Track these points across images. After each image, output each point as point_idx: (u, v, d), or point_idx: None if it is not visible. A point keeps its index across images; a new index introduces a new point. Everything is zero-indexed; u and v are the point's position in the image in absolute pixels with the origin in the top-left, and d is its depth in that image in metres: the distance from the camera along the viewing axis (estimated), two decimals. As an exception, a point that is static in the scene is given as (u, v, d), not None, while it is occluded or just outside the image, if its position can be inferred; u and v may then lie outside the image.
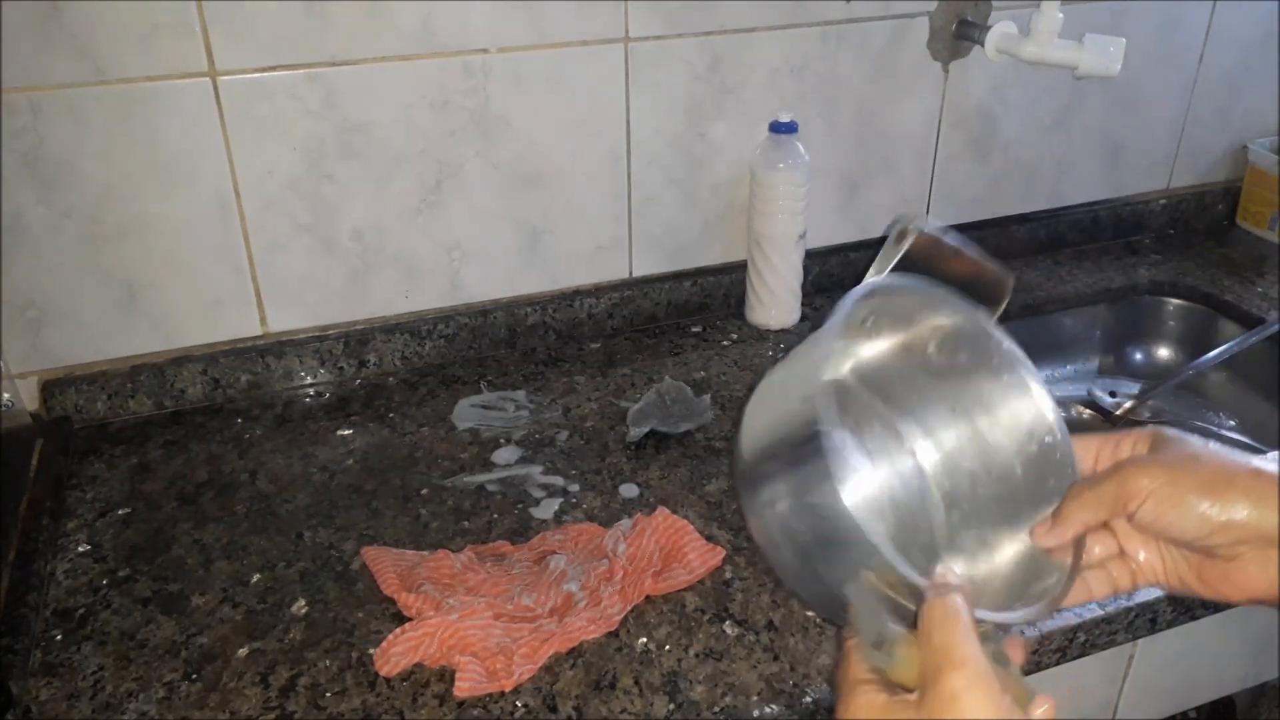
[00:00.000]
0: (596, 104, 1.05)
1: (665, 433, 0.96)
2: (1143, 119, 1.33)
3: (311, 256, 1.02)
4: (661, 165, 1.11)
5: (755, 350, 1.12)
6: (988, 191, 1.30)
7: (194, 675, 0.71)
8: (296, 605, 0.77)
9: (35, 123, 0.88)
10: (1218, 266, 1.32)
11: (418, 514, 0.87)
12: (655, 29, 1.04)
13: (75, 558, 0.82)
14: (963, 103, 1.22)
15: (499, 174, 1.05)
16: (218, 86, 0.92)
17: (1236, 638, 0.91)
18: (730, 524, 0.85)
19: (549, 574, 0.77)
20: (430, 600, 0.74)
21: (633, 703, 0.68)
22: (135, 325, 0.99)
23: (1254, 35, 1.33)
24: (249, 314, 1.03)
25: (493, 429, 0.98)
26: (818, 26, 1.11)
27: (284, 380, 1.05)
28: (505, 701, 0.68)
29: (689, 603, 0.76)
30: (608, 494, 0.89)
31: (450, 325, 1.09)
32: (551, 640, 0.71)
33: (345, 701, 0.69)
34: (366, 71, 0.96)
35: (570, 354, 1.12)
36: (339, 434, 0.98)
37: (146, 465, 0.94)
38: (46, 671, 0.71)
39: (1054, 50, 1.06)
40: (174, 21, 0.88)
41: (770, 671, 0.70)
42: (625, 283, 1.16)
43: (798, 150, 1.08)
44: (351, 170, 0.99)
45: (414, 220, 1.04)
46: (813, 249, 1.19)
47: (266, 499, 0.89)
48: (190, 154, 0.94)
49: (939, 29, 1.16)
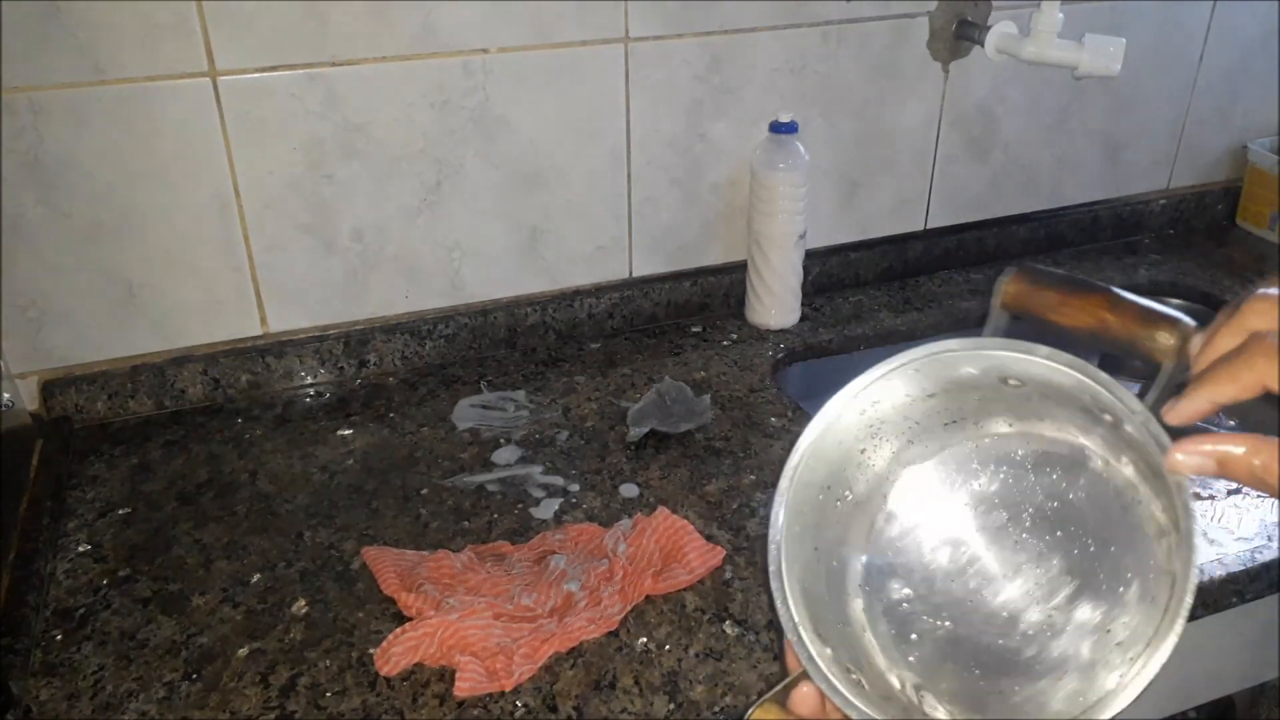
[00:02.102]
0: (596, 104, 1.05)
1: (665, 433, 0.96)
2: (1143, 119, 1.33)
3: (311, 256, 1.02)
4: (661, 165, 1.11)
5: (755, 350, 1.12)
6: (988, 191, 1.30)
7: (194, 675, 0.71)
8: (297, 605, 0.77)
9: (35, 123, 0.88)
10: (1218, 266, 1.32)
11: (418, 514, 0.87)
12: (655, 29, 1.04)
13: (75, 558, 0.82)
14: (963, 103, 1.22)
15: (499, 174, 1.05)
16: (218, 86, 0.92)
17: (1236, 638, 0.91)
18: (730, 524, 0.85)
19: (549, 574, 0.77)
20: (430, 600, 0.74)
21: (633, 703, 0.68)
22: (135, 325, 0.99)
23: (1254, 35, 1.33)
24: (249, 314, 1.03)
25: (493, 429, 0.98)
26: (818, 26, 1.11)
27: (284, 380, 1.05)
28: (505, 701, 0.68)
29: (689, 603, 0.76)
30: (608, 494, 0.89)
31: (450, 325, 1.09)
32: (551, 640, 0.71)
33: (345, 701, 0.69)
34: (366, 71, 0.96)
35: (570, 354, 1.12)
36: (339, 434, 0.98)
37: (146, 465, 0.94)
38: (47, 671, 0.71)
39: (1054, 50, 1.06)
40: (174, 21, 0.88)
41: (770, 671, 0.70)
42: (625, 283, 1.16)
43: (798, 150, 1.08)
44: (351, 170, 0.99)
45: (414, 220, 1.04)
46: (813, 249, 1.19)
47: (267, 499, 0.89)
48: (190, 154, 0.94)
49: (939, 29, 1.16)
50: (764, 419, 0.99)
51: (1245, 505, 0.86)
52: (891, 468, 0.51)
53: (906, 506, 0.51)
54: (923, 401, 0.49)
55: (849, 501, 0.50)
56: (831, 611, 0.48)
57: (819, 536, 0.49)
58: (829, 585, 0.49)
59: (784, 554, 0.46)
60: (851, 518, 0.50)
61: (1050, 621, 0.46)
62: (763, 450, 0.94)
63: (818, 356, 1.15)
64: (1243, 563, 0.80)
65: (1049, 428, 0.47)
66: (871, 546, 0.50)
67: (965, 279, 1.28)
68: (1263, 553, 0.81)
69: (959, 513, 0.50)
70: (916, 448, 0.50)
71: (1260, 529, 0.83)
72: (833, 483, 0.49)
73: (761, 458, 0.93)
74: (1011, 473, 0.49)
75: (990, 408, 0.48)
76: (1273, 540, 0.82)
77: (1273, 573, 0.81)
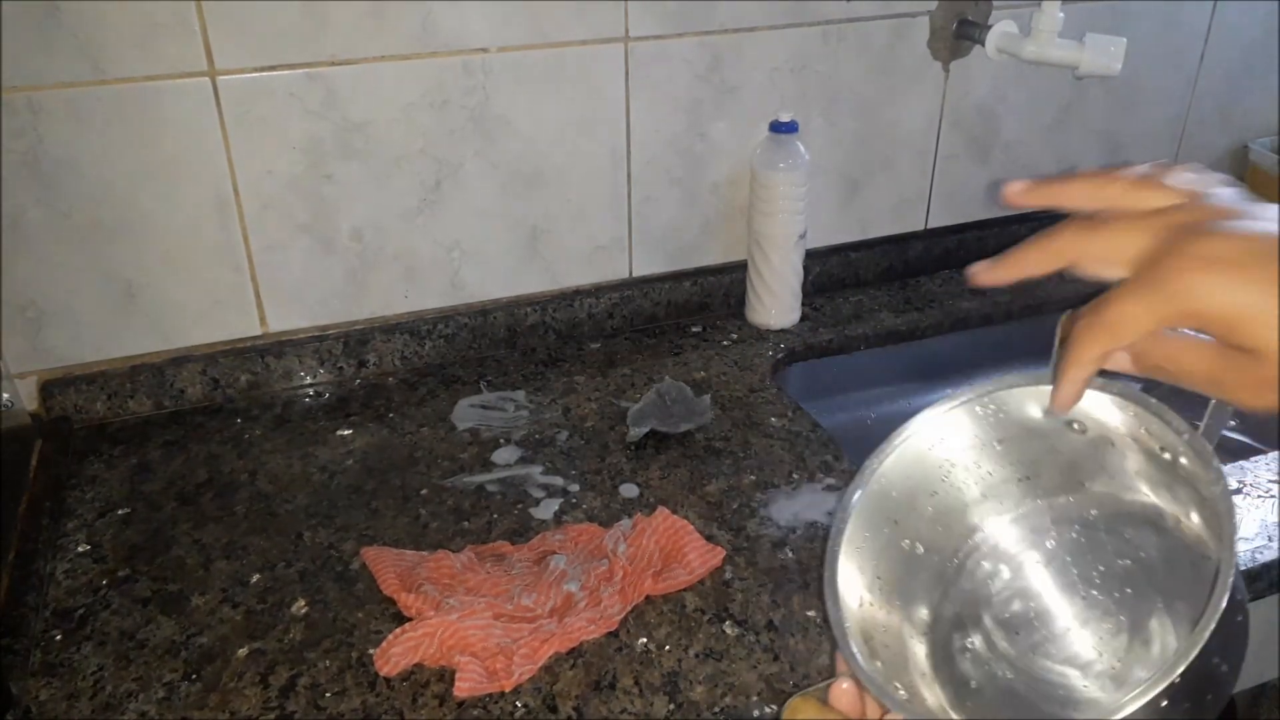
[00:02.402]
0: (596, 104, 1.05)
1: (665, 433, 0.96)
2: (1143, 119, 1.33)
3: (311, 256, 1.02)
4: (661, 165, 1.11)
5: (755, 350, 1.12)
6: (988, 191, 1.30)
7: (194, 675, 0.71)
8: (296, 605, 0.77)
9: (35, 123, 0.88)
10: (1218, 266, 1.32)
11: (417, 514, 0.87)
12: (655, 29, 1.04)
13: (75, 558, 0.82)
14: (963, 102, 1.22)
15: (499, 174, 1.05)
16: (217, 86, 0.92)
17: (1237, 638, 0.91)
18: (730, 524, 0.85)
19: (549, 574, 0.76)
20: (430, 600, 0.74)
21: (633, 703, 0.68)
22: (135, 325, 0.99)
23: (1254, 35, 1.33)
24: (248, 314, 1.03)
25: (493, 429, 0.98)
26: (818, 26, 1.11)
27: (284, 380, 1.05)
28: (505, 701, 0.68)
29: (689, 603, 0.76)
30: (608, 494, 0.89)
31: (450, 325, 1.09)
32: (551, 640, 0.71)
33: (345, 701, 0.68)
34: (366, 71, 0.96)
35: (570, 354, 1.12)
36: (339, 434, 0.98)
37: (146, 465, 0.94)
38: (46, 671, 0.71)
39: (1054, 50, 1.06)
40: (174, 21, 0.88)
41: (770, 672, 0.70)
42: (625, 283, 1.16)
43: (798, 150, 1.08)
44: (351, 170, 0.99)
45: (414, 220, 1.04)
46: (813, 249, 1.18)
47: (266, 499, 0.89)
48: (190, 154, 0.94)
49: (939, 28, 1.16)
50: (764, 419, 0.99)
51: (1246, 505, 0.86)
52: (964, 519, 0.51)
53: (979, 559, 0.51)
54: (992, 449, 0.49)
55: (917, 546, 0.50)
56: (895, 652, 0.48)
57: (879, 568, 0.49)
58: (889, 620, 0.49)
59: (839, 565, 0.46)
60: (918, 563, 0.50)
61: (1114, 674, 0.46)
62: (763, 450, 0.94)
63: (818, 356, 1.15)
64: (1243, 563, 0.80)
65: (1119, 486, 0.47)
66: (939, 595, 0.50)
67: (966, 279, 1.28)
68: (1263, 553, 0.81)
69: (1030, 568, 0.50)
70: (991, 502, 0.50)
71: (1260, 529, 0.83)
72: (900, 518, 0.49)
73: (761, 458, 0.93)
74: (1084, 532, 0.49)
75: (1058, 460, 0.48)
76: (1273, 540, 0.82)
77: (1273, 573, 0.81)
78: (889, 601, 0.49)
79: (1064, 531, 0.50)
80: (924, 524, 0.50)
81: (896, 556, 0.49)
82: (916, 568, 0.50)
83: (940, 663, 0.49)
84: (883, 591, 0.49)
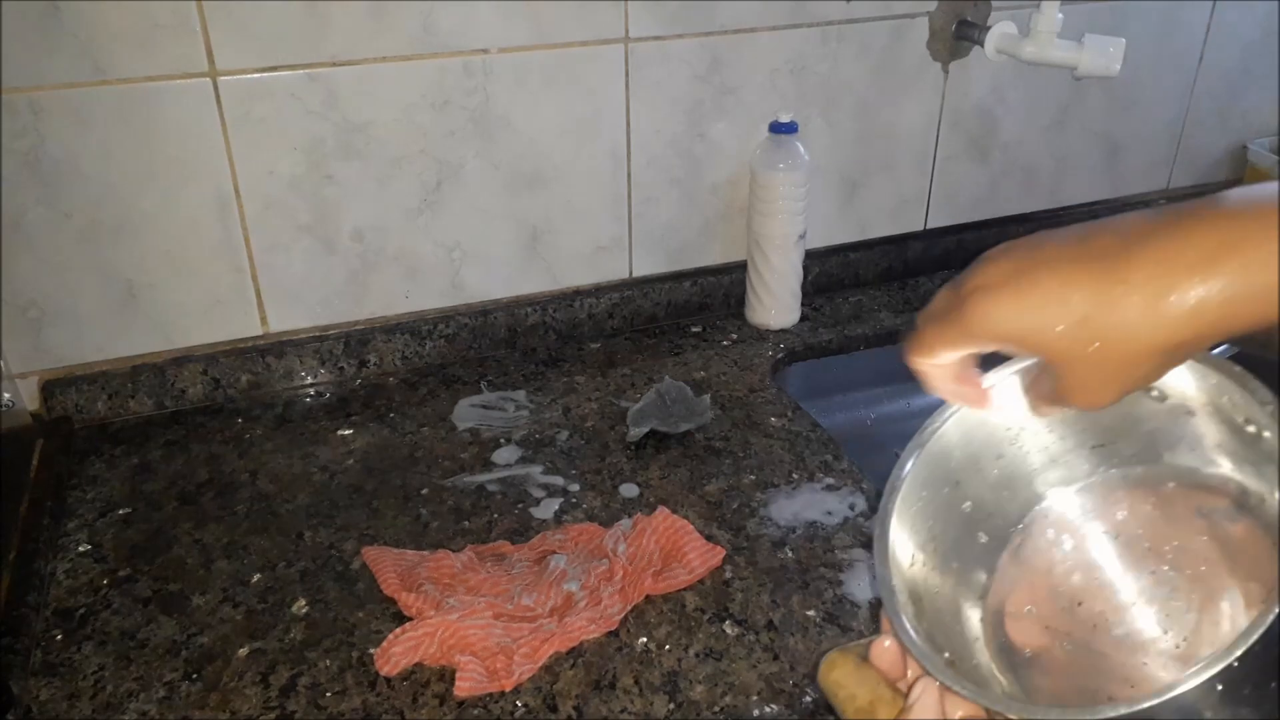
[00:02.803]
0: (596, 104, 1.05)
1: (665, 433, 0.96)
2: (1142, 119, 1.33)
3: (312, 257, 1.02)
4: (661, 165, 1.11)
5: (755, 350, 1.12)
6: (988, 191, 1.30)
7: (194, 675, 0.71)
8: (297, 605, 0.77)
9: (35, 123, 0.88)
10: (1217, 266, 1.32)
11: (418, 514, 0.87)
12: (655, 29, 1.04)
13: (75, 558, 0.82)
14: (962, 103, 1.22)
15: (499, 174, 1.05)
16: (218, 86, 0.92)
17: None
18: (730, 524, 0.85)
19: (549, 574, 0.77)
20: (430, 600, 0.74)
21: (633, 703, 0.68)
22: (135, 325, 0.99)
23: (1254, 35, 1.33)
24: (249, 314, 1.03)
25: (493, 429, 0.98)
26: (818, 26, 1.11)
27: (284, 380, 1.05)
28: (505, 701, 0.68)
29: (689, 603, 0.77)
30: (608, 494, 0.89)
31: (450, 325, 1.09)
32: (551, 640, 0.71)
33: (345, 701, 0.69)
34: (367, 71, 0.96)
35: (570, 354, 1.12)
36: (339, 434, 0.98)
37: (147, 465, 0.94)
38: (47, 671, 0.71)
39: (1054, 50, 1.06)
40: (174, 21, 0.88)
41: (770, 671, 0.71)
42: (625, 283, 1.16)
43: (798, 150, 1.08)
44: (352, 170, 1.00)
45: (414, 220, 1.04)
46: (813, 249, 1.19)
47: (267, 499, 0.89)
48: (190, 154, 0.94)
49: (939, 29, 1.16)
50: (764, 419, 0.99)
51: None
52: (1030, 485, 0.49)
53: (1044, 526, 0.49)
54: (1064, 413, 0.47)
55: (979, 510, 0.48)
56: (946, 615, 0.47)
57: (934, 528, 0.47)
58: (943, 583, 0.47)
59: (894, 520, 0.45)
60: (978, 526, 0.48)
61: (1178, 654, 0.44)
62: (763, 450, 0.94)
63: (818, 356, 1.15)
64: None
65: (1198, 458, 0.45)
66: (998, 560, 0.49)
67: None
68: (1262, 553, 0.81)
69: (1096, 539, 0.48)
70: (1059, 469, 0.49)
71: (1260, 529, 0.83)
72: (962, 479, 0.47)
73: (761, 458, 0.93)
74: (1159, 504, 0.47)
75: (1137, 430, 0.46)
76: (1272, 540, 0.82)
77: (1272, 573, 0.81)
78: (944, 563, 0.47)
79: (1138, 503, 0.47)
80: (987, 488, 0.48)
81: (955, 518, 0.48)
82: (976, 531, 0.48)
83: (993, 629, 0.47)
84: (938, 552, 0.47)
